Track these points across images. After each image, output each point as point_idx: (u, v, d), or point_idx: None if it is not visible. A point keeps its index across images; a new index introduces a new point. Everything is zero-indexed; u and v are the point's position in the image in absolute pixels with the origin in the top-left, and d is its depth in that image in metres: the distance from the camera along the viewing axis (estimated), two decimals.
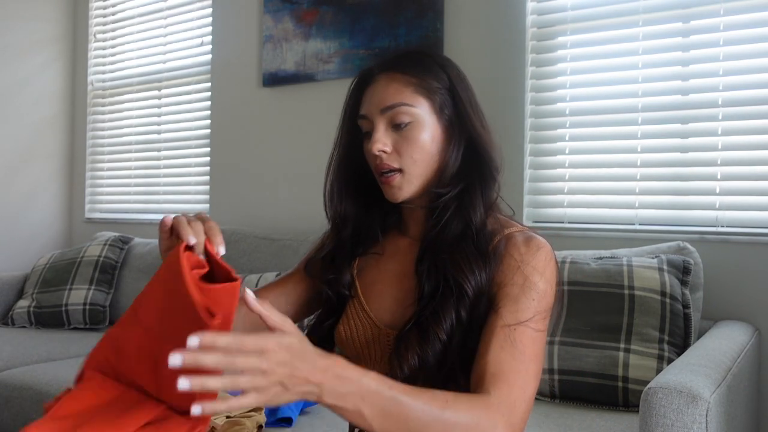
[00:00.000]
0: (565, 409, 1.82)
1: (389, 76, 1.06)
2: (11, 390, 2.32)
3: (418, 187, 1.06)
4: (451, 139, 1.07)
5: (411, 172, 1.04)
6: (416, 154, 1.04)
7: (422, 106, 1.05)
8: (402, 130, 1.04)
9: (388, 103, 1.04)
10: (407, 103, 1.04)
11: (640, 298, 1.87)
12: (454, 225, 1.04)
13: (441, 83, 1.07)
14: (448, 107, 1.07)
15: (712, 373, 1.44)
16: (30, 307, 3.09)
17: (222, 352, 0.70)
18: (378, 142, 1.04)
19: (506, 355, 0.92)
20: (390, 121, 1.04)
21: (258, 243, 2.87)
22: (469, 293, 0.98)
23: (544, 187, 2.44)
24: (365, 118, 1.07)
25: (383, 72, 1.07)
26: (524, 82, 2.46)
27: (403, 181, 1.04)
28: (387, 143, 1.04)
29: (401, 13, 2.71)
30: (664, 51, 2.25)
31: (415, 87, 1.05)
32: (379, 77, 1.07)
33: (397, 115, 1.04)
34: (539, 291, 0.98)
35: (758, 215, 2.08)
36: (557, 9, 2.43)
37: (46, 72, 3.87)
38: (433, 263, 1.02)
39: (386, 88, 1.05)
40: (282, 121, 3.11)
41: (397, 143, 1.04)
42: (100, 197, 3.89)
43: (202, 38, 3.42)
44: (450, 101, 1.07)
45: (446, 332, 0.97)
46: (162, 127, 3.61)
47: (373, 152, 1.04)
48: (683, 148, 2.22)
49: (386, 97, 1.04)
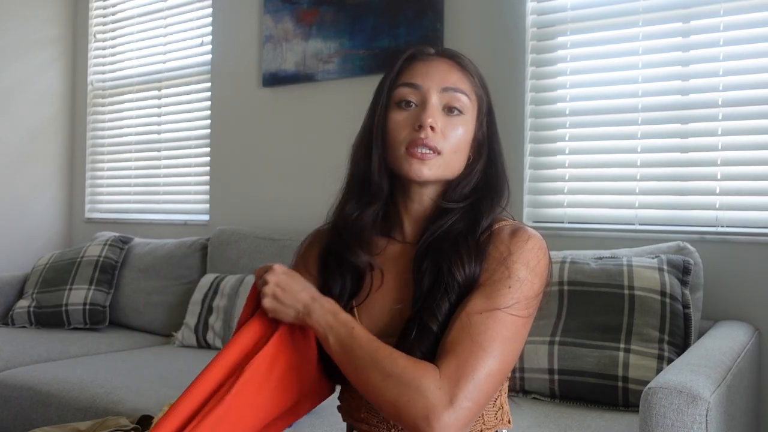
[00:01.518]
0: (565, 409, 1.82)
1: (451, 63, 1.06)
2: (11, 390, 2.32)
3: (442, 175, 1.04)
4: (479, 150, 1.07)
5: (446, 158, 1.02)
6: (456, 144, 1.03)
7: (473, 104, 1.05)
8: (453, 116, 1.03)
9: (451, 84, 1.03)
10: (467, 93, 1.04)
11: (640, 298, 1.87)
12: (458, 227, 1.03)
13: (487, 95, 1.09)
14: (486, 120, 1.08)
15: (712, 373, 1.44)
16: (30, 307, 3.08)
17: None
18: (432, 116, 1.01)
19: (464, 336, 0.92)
20: (445, 102, 1.03)
21: (258, 243, 2.87)
22: (459, 281, 0.97)
23: (544, 187, 2.44)
24: (415, 88, 1.03)
25: (444, 57, 1.06)
26: (524, 82, 2.46)
27: (436, 164, 1.02)
28: (438, 122, 1.02)
29: (401, 13, 2.71)
30: (664, 51, 2.25)
31: (472, 85, 1.06)
32: (440, 59, 1.06)
33: (455, 100, 1.03)
34: (519, 278, 0.96)
35: (758, 215, 2.08)
36: (557, 9, 2.43)
37: (46, 72, 3.87)
38: (432, 262, 1.01)
39: (450, 71, 1.04)
40: (282, 121, 3.11)
41: (445, 126, 1.02)
42: (100, 197, 3.89)
43: (202, 38, 3.42)
44: (487, 116, 1.08)
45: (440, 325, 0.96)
46: (162, 127, 3.61)
47: (423, 123, 1.00)
48: (683, 148, 2.22)
49: (450, 78, 1.03)
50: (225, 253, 2.94)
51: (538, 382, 1.90)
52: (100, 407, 2.04)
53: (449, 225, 1.03)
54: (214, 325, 2.64)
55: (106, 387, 2.14)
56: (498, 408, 1.05)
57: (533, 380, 1.91)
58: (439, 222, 1.04)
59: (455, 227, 1.03)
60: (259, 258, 2.82)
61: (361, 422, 1.06)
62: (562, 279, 1.98)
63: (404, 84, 1.04)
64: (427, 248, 1.03)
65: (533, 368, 1.90)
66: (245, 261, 2.85)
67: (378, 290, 1.06)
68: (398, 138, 1.03)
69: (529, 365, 1.91)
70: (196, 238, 3.13)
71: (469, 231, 1.02)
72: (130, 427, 1.76)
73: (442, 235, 1.02)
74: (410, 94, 1.03)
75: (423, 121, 1.00)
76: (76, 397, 2.13)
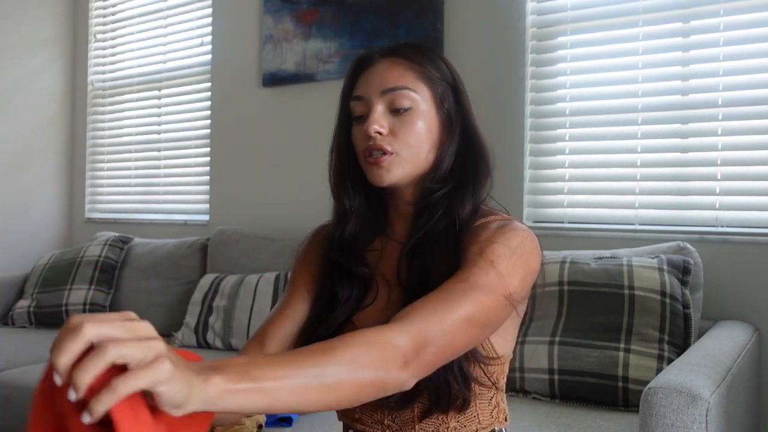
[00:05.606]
0: (565, 409, 1.82)
1: (392, 61, 1.04)
2: (11, 390, 2.32)
3: (407, 173, 1.02)
4: (448, 133, 1.05)
5: (403, 156, 1.01)
6: (412, 140, 1.01)
7: (424, 93, 1.03)
8: (401, 115, 1.01)
9: (390, 85, 1.01)
10: (410, 88, 1.01)
11: (640, 298, 1.87)
12: (442, 222, 1.02)
13: (443, 75, 1.05)
14: (449, 101, 1.05)
15: (712, 373, 1.44)
16: (30, 307, 3.09)
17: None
18: (375, 123, 1.00)
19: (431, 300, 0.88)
20: (389, 104, 1.02)
21: (258, 243, 2.87)
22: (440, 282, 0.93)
23: (544, 187, 2.44)
24: (360, 100, 1.03)
25: (386, 56, 1.05)
26: (524, 82, 2.46)
27: (392, 164, 1.01)
28: (384, 125, 1.01)
29: (401, 14, 2.71)
30: (664, 51, 2.25)
31: (419, 74, 1.03)
32: (381, 61, 1.04)
33: (398, 99, 1.01)
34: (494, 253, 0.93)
35: (758, 215, 2.08)
36: (557, 9, 2.43)
37: (46, 72, 3.87)
38: (418, 263, 1.00)
39: (389, 70, 1.03)
40: (282, 121, 3.11)
41: (394, 127, 1.01)
42: (100, 197, 3.89)
43: (202, 38, 3.42)
44: (451, 95, 1.06)
45: None
46: (162, 127, 3.61)
47: (368, 132, 1.00)
48: (683, 148, 2.22)
49: (388, 79, 1.02)
50: (225, 253, 2.94)
51: (538, 382, 1.90)
52: None
53: (432, 223, 1.02)
54: (214, 325, 2.64)
55: None
56: (494, 406, 1.04)
57: (533, 380, 1.91)
58: (422, 220, 1.03)
59: (438, 226, 1.01)
60: (259, 258, 2.82)
61: (356, 422, 1.06)
62: (562, 279, 1.98)
63: (353, 98, 1.05)
64: (413, 249, 1.02)
65: (533, 368, 1.90)
66: (245, 261, 2.85)
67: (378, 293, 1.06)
68: (359, 150, 1.04)
69: (529, 365, 1.91)
70: (196, 238, 3.13)
71: (449, 228, 1.01)
72: None
73: (425, 235, 1.01)
74: (358, 107, 1.04)
75: (367, 130, 1.01)
76: None
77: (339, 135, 1.09)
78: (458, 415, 1.00)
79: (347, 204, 1.08)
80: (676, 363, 1.54)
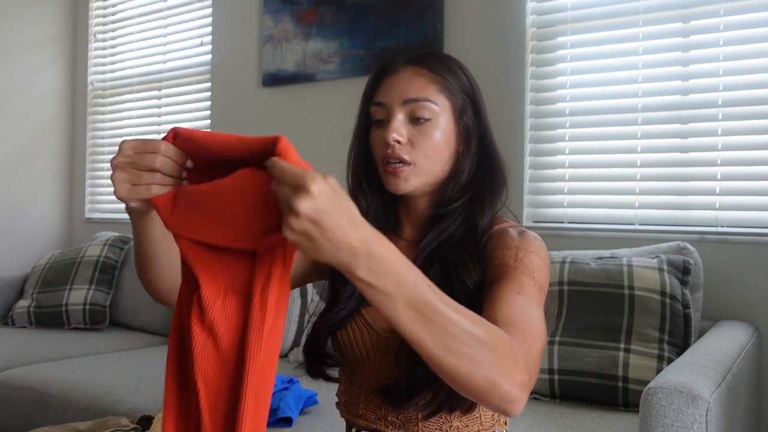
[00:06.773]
0: (565, 409, 1.82)
1: (415, 70, 1.06)
2: (11, 390, 2.32)
3: (423, 183, 1.05)
4: (465, 144, 1.07)
5: (420, 167, 1.04)
6: (429, 151, 1.04)
7: (444, 105, 1.05)
8: (420, 125, 1.04)
9: (412, 95, 1.04)
10: (431, 100, 1.04)
11: (640, 298, 1.87)
12: (461, 229, 1.04)
13: (463, 88, 1.08)
14: (468, 114, 1.07)
15: (712, 373, 1.44)
16: (30, 307, 3.09)
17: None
18: (394, 132, 1.02)
19: (516, 310, 0.89)
20: (409, 113, 1.04)
21: None
22: (470, 287, 0.98)
23: (544, 187, 2.44)
24: (381, 106, 1.06)
25: (409, 65, 1.07)
26: (524, 82, 2.46)
27: (410, 174, 1.03)
28: (403, 134, 1.03)
29: (401, 14, 2.71)
30: (664, 51, 2.25)
31: (440, 86, 1.05)
32: (404, 69, 1.06)
33: (419, 110, 1.03)
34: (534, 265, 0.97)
35: (758, 215, 2.08)
36: (557, 9, 2.43)
37: (46, 72, 3.87)
38: (439, 268, 1.01)
39: (412, 80, 1.05)
40: (282, 121, 3.11)
41: (413, 137, 1.04)
42: (100, 197, 3.89)
43: (202, 38, 3.42)
44: (470, 107, 1.08)
45: None
46: (162, 127, 3.60)
47: (387, 140, 1.03)
48: (683, 148, 2.22)
49: (410, 90, 1.04)
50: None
51: (538, 382, 1.89)
52: (100, 407, 2.04)
53: (451, 230, 1.04)
54: None
55: (106, 387, 2.14)
56: None
57: None
58: (440, 226, 1.05)
59: (456, 233, 1.04)
60: None
61: (360, 418, 1.07)
62: (562, 279, 1.98)
63: (374, 103, 1.07)
64: (432, 254, 1.04)
65: None
66: None
67: None
68: (377, 155, 1.07)
69: None
70: None
71: (469, 236, 1.04)
72: (130, 427, 1.76)
73: (444, 242, 1.04)
74: (378, 112, 1.06)
75: (386, 137, 1.03)
76: (76, 397, 2.13)
77: (358, 138, 1.12)
78: (462, 416, 1.02)
79: (364, 204, 1.11)
80: (676, 363, 1.54)
